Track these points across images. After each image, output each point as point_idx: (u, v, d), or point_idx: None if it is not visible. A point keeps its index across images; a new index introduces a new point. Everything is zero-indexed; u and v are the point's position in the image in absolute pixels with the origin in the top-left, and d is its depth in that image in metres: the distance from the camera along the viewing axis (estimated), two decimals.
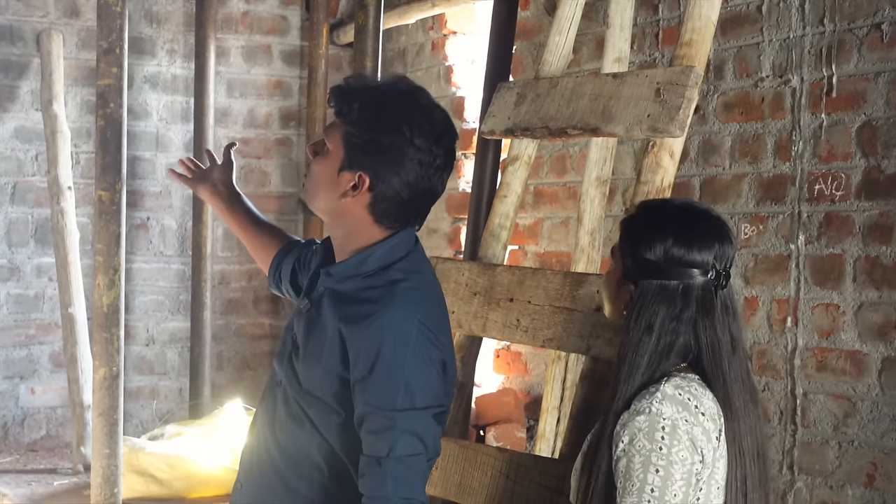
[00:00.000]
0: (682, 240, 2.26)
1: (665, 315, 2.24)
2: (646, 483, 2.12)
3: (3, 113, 5.39)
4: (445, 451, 3.09)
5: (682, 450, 2.14)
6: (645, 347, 2.23)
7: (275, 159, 6.02)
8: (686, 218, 2.32)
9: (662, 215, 2.34)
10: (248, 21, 5.95)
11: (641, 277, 2.26)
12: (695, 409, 2.16)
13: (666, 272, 2.25)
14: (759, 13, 3.80)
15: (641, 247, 2.27)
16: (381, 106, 2.31)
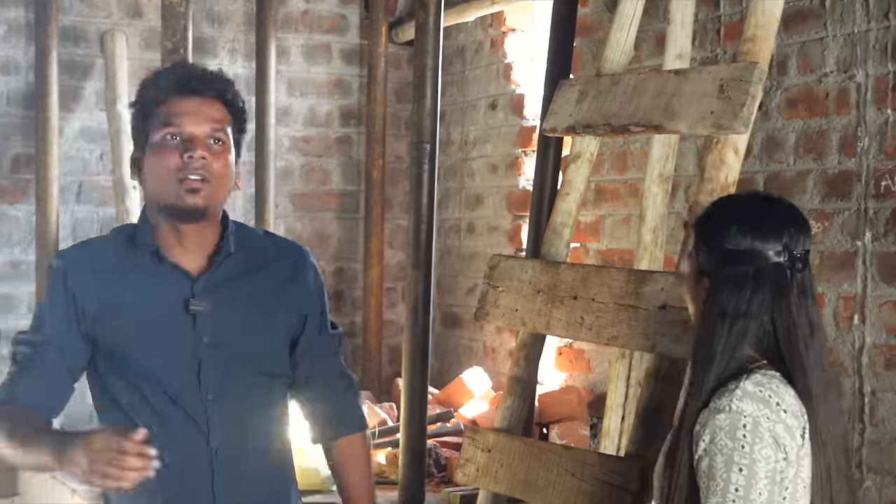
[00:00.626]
0: (749, 225, 2.23)
1: (737, 301, 2.20)
2: (730, 482, 2.10)
3: (69, 113, 5.46)
4: (510, 449, 3.10)
5: (764, 447, 2.10)
6: (718, 336, 2.20)
7: (335, 157, 6.05)
8: (752, 205, 2.32)
9: (729, 206, 2.34)
10: (307, 20, 5.98)
11: (714, 269, 2.24)
12: (776, 407, 2.13)
13: (735, 259, 2.22)
14: (822, 8, 3.76)
15: (711, 239, 2.25)
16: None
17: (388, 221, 6.02)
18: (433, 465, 4.50)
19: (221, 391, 2.43)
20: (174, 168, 2.35)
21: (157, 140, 2.39)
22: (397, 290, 6.07)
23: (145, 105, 2.43)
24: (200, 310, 2.41)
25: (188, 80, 2.42)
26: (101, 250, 2.48)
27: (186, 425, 2.42)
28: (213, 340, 2.42)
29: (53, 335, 2.39)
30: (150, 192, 2.44)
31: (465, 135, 5.87)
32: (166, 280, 2.43)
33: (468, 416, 5.00)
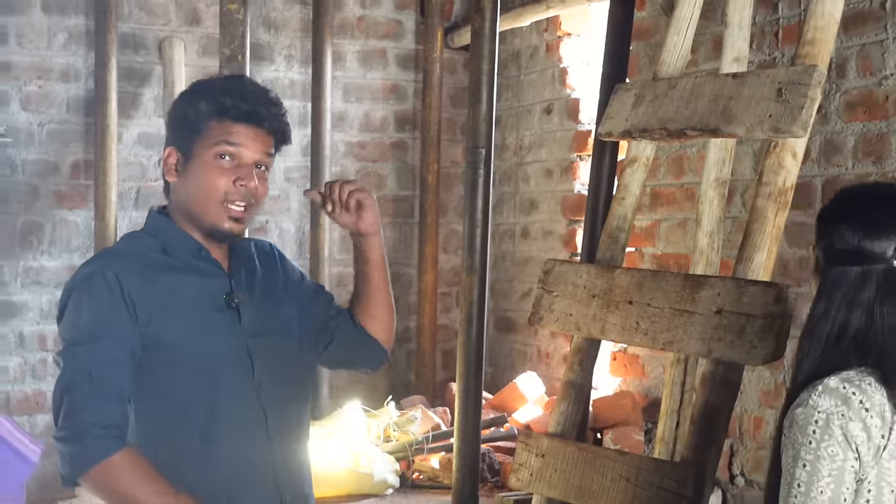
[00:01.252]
0: (860, 224, 2.18)
1: (841, 299, 2.17)
2: (794, 478, 2.07)
3: (127, 119, 5.52)
4: (564, 454, 3.10)
5: (832, 445, 2.06)
6: (819, 332, 2.17)
7: (390, 162, 6.07)
8: (867, 202, 2.25)
9: (844, 202, 2.27)
10: (363, 26, 6.01)
11: (827, 267, 2.21)
12: (858, 405, 2.07)
13: (845, 258, 2.18)
14: (882, 10, 3.72)
15: (825, 237, 2.22)
16: None
17: (443, 226, 6.03)
18: (487, 469, 4.50)
19: (271, 379, 2.52)
20: (223, 190, 2.45)
21: (209, 156, 2.46)
22: (452, 294, 6.08)
23: (201, 115, 2.48)
24: (242, 301, 2.51)
25: (257, 115, 2.49)
26: (136, 253, 2.50)
27: (244, 415, 2.49)
28: (257, 331, 2.53)
29: (120, 342, 2.39)
30: (187, 203, 2.50)
31: (520, 139, 5.87)
32: (208, 276, 2.51)
33: (522, 420, 4.99)
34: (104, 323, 2.39)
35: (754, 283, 2.78)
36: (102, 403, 2.34)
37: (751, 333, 2.72)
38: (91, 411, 2.33)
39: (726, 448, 4.22)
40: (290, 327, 2.63)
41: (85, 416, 2.33)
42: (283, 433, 2.54)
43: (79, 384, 2.35)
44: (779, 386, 4.07)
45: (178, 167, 2.50)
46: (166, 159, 2.52)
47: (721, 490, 4.22)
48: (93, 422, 2.32)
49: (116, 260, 2.48)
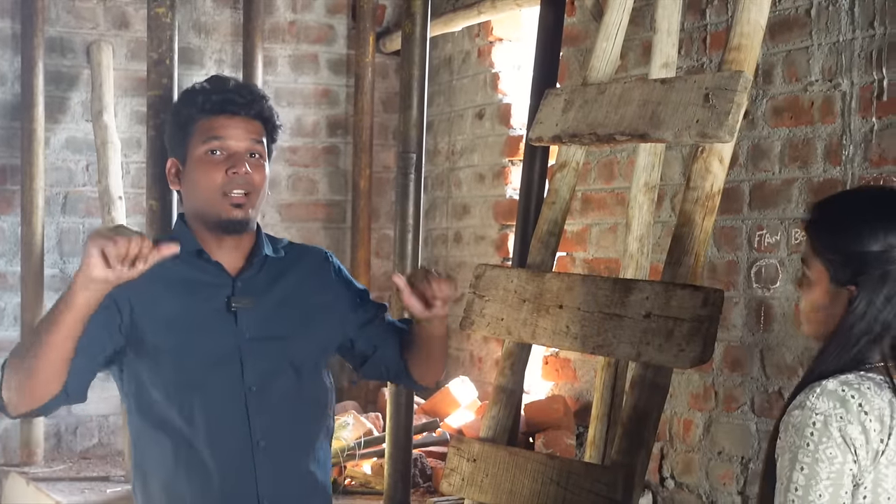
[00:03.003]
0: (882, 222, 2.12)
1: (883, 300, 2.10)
2: (791, 482, 2.03)
3: (55, 124, 5.45)
4: (496, 459, 3.10)
5: (830, 447, 2.01)
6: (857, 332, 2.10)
7: (322, 167, 6.05)
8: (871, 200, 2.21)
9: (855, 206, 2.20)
10: (294, 30, 5.98)
11: (860, 274, 2.12)
12: (857, 408, 2.03)
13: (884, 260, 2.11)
14: (807, 17, 3.77)
15: (849, 243, 2.13)
16: None
17: (375, 231, 6.02)
18: (419, 474, 4.50)
19: (263, 384, 2.53)
20: (219, 183, 2.50)
21: (199, 154, 2.52)
22: (384, 299, 6.06)
23: (186, 118, 2.55)
24: (242, 307, 2.53)
25: (232, 102, 2.55)
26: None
27: (229, 416, 2.51)
28: (254, 336, 2.54)
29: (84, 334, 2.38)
30: (193, 202, 2.57)
31: (452, 144, 5.87)
32: (208, 278, 2.55)
33: (454, 425, 4.99)
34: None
35: (682, 286, 2.80)
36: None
37: (679, 337, 2.74)
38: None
39: (656, 451, 4.25)
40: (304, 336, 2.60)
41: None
42: (273, 440, 2.53)
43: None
44: (707, 388, 4.11)
45: (178, 175, 2.57)
46: (168, 170, 2.59)
47: (651, 493, 4.25)
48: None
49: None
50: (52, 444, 5.44)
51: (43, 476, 5.05)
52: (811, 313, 2.22)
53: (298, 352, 2.60)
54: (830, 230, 2.17)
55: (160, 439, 2.50)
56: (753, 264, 3.94)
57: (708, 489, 4.09)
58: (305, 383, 2.60)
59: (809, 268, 2.19)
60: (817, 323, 2.21)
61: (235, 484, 2.51)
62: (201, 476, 2.49)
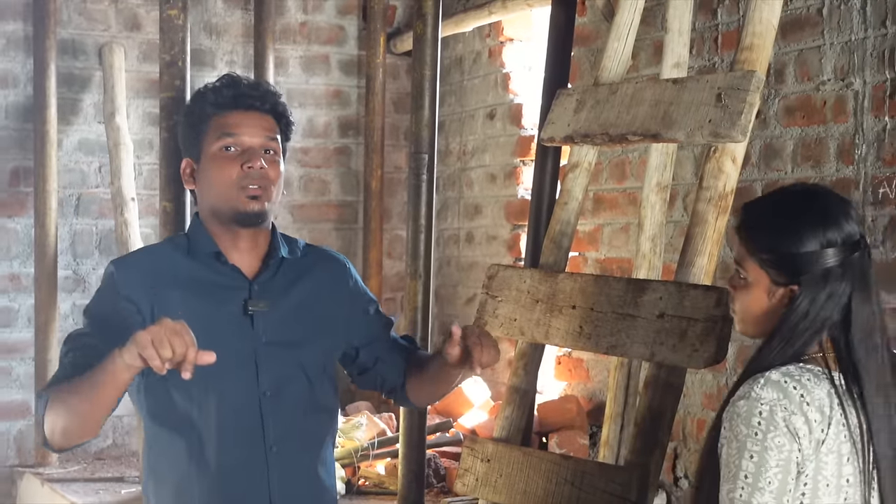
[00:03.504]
0: (820, 219, 2.16)
1: (825, 297, 2.15)
2: (740, 469, 2.07)
3: (67, 126, 5.47)
4: (509, 459, 3.10)
5: (778, 436, 2.07)
6: (800, 330, 2.15)
7: (334, 168, 6.05)
8: (816, 198, 2.22)
9: (789, 207, 2.23)
10: (306, 31, 5.99)
11: (800, 274, 2.16)
12: (799, 399, 2.08)
13: (818, 259, 2.15)
14: (819, 16, 3.77)
15: (790, 244, 2.17)
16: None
17: (387, 232, 6.02)
18: (432, 475, 4.50)
19: (278, 389, 2.54)
20: (235, 178, 2.51)
21: (214, 150, 2.53)
22: (396, 300, 6.07)
23: (199, 116, 2.57)
24: (258, 310, 2.54)
25: (244, 97, 2.56)
26: (157, 255, 2.60)
27: (244, 420, 2.51)
28: (270, 339, 2.55)
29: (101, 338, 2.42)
30: (208, 200, 2.57)
31: (463, 145, 5.88)
32: (225, 281, 2.55)
33: (467, 425, 5.00)
34: (100, 319, 2.47)
35: (695, 286, 2.80)
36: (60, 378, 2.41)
37: (692, 337, 2.74)
38: (52, 388, 2.41)
39: (670, 451, 4.25)
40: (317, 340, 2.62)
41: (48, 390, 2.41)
42: (287, 444, 2.54)
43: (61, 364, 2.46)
44: (721, 388, 4.10)
45: (194, 174, 2.58)
46: (183, 170, 2.60)
47: (665, 493, 4.25)
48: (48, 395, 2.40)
49: (133, 262, 2.59)
50: None
51: (58, 477, 5.07)
52: (748, 314, 2.25)
53: (311, 358, 2.60)
54: (767, 231, 2.20)
55: (174, 441, 2.51)
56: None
57: None
58: (316, 389, 2.60)
59: (746, 269, 2.22)
60: (755, 323, 2.25)
61: (248, 488, 2.52)
62: (213, 479, 2.50)
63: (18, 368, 5.41)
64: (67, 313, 5.46)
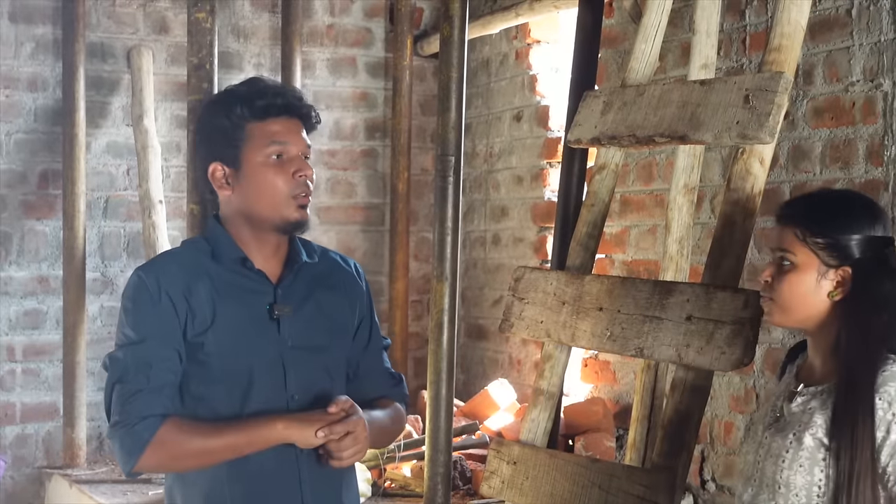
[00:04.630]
0: (874, 211, 2.38)
1: (882, 290, 2.32)
2: None
3: (95, 129, 5.49)
4: (535, 461, 3.10)
5: None
6: (875, 326, 2.31)
7: (360, 170, 6.06)
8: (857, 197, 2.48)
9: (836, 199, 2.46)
10: (333, 34, 6.00)
11: (850, 258, 2.33)
12: None
13: (877, 245, 2.34)
14: (848, 17, 3.75)
15: (843, 231, 2.34)
16: None
17: (414, 234, 6.03)
18: (458, 477, 4.49)
19: (305, 392, 2.57)
20: (287, 187, 2.54)
21: (262, 159, 2.55)
22: (423, 302, 6.07)
23: (235, 122, 2.56)
24: (284, 314, 2.57)
25: (287, 106, 2.59)
26: (182, 259, 2.60)
27: None
28: (296, 343, 2.58)
29: (163, 347, 2.47)
30: (249, 206, 2.57)
31: (490, 147, 5.87)
32: (252, 286, 2.57)
33: (494, 428, 4.99)
34: (148, 325, 2.48)
35: (723, 288, 2.79)
36: (145, 396, 2.43)
37: (720, 339, 2.73)
38: (134, 405, 2.43)
39: (697, 453, 4.23)
40: (335, 344, 2.67)
41: (130, 409, 2.43)
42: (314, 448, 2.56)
43: (125, 381, 2.45)
44: (749, 391, 4.09)
45: (229, 179, 2.57)
46: (212, 174, 2.58)
47: (692, 496, 4.23)
48: (136, 413, 2.42)
49: (162, 266, 2.57)
50: (95, 446, 5.48)
51: (85, 478, 5.09)
52: (792, 298, 2.39)
53: (332, 362, 2.65)
54: (819, 216, 2.37)
55: None
56: None
57: None
58: (337, 392, 2.63)
59: (794, 253, 2.37)
60: (797, 309, 2.39)
61: (280, 490, 2.54)
62: (246, 482, 2.52)
63: (47, 370, 5.44)
64: (95, 315, 5.49)
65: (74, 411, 5.26)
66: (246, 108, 2.56)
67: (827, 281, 2.35)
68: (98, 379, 5.46)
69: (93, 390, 5.42)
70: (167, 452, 2.43)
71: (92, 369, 5.41)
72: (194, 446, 2.44)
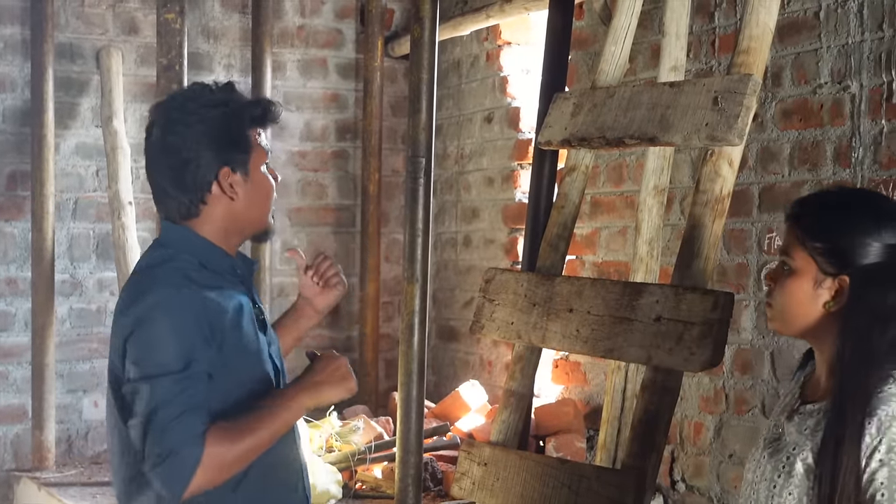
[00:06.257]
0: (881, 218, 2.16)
1: (886, 301, 2.12)
2: None
3: (65, 130, 5.46)
4: (506, 463, 3.10)
5: None
6: (876, 336, 2.12)
7: (331, 172, 6.05)
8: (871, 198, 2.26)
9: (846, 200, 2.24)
10: (303, 35, 5.99)
11: (850, 265, 2.15)
12: None
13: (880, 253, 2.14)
14: (816, 19, 3.77)
15: (840, 234, 2.16)
16: None
17: (385, 235, 6.02)
18: (429, 478, 4.50)
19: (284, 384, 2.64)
20: (274, 195, 2.60)
21: (260, 166, 2.57)
22: (394, 304, 6.07)
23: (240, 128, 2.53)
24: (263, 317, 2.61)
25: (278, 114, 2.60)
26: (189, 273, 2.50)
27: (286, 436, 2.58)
28: (271, 340, 2.64)
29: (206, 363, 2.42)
30: (245, 215, 2.56)
31: (461, 148, 5.88)
32: (239, 291, 2.57)
33: (464, 429, 4.99)
34: (194, 348, 2.39)
35: (692, 290, 2.80)
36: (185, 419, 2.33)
37: (689, 340, 2.74)
38: (175, 430, 2.32)
39: (667, 454, 4.25)
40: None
41: (170, 437, 2.31)
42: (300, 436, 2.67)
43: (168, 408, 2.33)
44: (718, 391, 4.10)
45: (235, 185, 2.53)
46: (222, 180, 2.51)
47: (662, 496, 4.25)
48: (178, 439, 2.31)
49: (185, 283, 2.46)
50: (64, 449, 5.45)
51: (54, 481, 5.06)
52: (789, 305, 2.23)
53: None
54: (819, 221, 2.20)
55: None
56: (763, 267, 3.93)
57: (719, 492, 4.09)
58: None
59: (793, 258, 2.21)
60: (794, 316, 2.23)
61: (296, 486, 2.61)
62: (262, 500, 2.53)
63: (15, 372, 5.40)
64: (64, 317, 5.46)
65: (43, 414, 5.23)
66: (250, 116, 2.54)
67: (824, 290, 2.18)
68: (67, 381, 5.44)
69: (62, 393, 5.39)
70: (217, 465, 2.34)
71: (61, 371, 5.38)
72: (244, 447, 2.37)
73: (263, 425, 2.40)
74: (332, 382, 2.48)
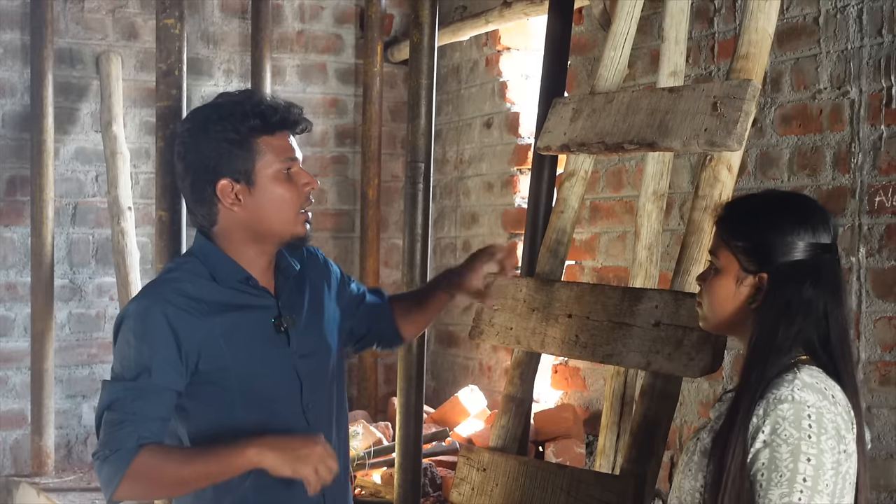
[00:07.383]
0: (800, 216, 2.22)
1: (800, 293, 2.18)
2: (797, 472, 2.05)
3: (64, 135, 5.47)
4: (505, 468, 3.10)
5: (829, 438, 2.06)
6: (782, 329, 2.17)
7: (331, 177, 6.05)
8: (793, 199, 2.30)
9: (768, 201, 2.29)
10: (303, 40, 5.99)
11: (770, 263, 2.20)
12: (832, 399, 2.10)
13: (793, 251, 2.19)
14: (815, 25, 3.77)
15: (757, 234, 2.22)
16: None
17: (384, 241, 6.02)
18: (429, 484, 4.49)
19: (316, 400, 2.57)
20: (297, 201, 2.52)
21: (274, 173, 2.51)
22: None
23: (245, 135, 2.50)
24: (289, 326, 2.56)
25: (299, 118, 2.56)
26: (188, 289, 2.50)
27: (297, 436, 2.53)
28: (304, 352, 2.57)
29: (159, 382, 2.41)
30: (258, 223, 2.52)
31: (460, 153, 5.88)
32: (258, 302, 2.54)
33: (464, 434, 4.99)
34: (147, 361, 2.41)
35: (691, 295, 2.80)
36: (128, 427, 2.38)
37: (688, 346, 2.74)
38: (117, 434, 2.38)
39: (666, 459, 4.24)
40: (333, 343, 2.68)
41: (112, 439, 2.38)
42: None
43: (114, 410, 2.40)
44: (717, 397, 4.09)
45: (239, 195, 2.50)
46: (223, 192, 2.50)
47: (661, 501, 4.24)
48: (116, 443, 2.37)
49: (169, 298, 2.46)
50: (63, 454, 5.45)
51: (53, 486, 5.06)
52: (713, 303, 2.28)
53: (335, 363, 2.66)
54: (742, 220, 2.25)
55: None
56: None
57: None
58: (339, 392, 2.66)
59: (718, 258, 2.27)
60: (719, 314, 2.27)
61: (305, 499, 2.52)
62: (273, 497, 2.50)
63: (15, 378, 5.40)
64: (64, 322, 5.46)
65: (42, 419, 5.22)
66: (258, 123, 2.50)
67: (745, 287, 2.23)
68: (66, 386, 5.44)
69: (61, 398, 5.39)
70: (143, 482, 2.37)
71: (60, 377, 5.37)
72: (168, 476, 2.38)
73: (199, 460, 2.38)
74: (287, 457, 2.33)
